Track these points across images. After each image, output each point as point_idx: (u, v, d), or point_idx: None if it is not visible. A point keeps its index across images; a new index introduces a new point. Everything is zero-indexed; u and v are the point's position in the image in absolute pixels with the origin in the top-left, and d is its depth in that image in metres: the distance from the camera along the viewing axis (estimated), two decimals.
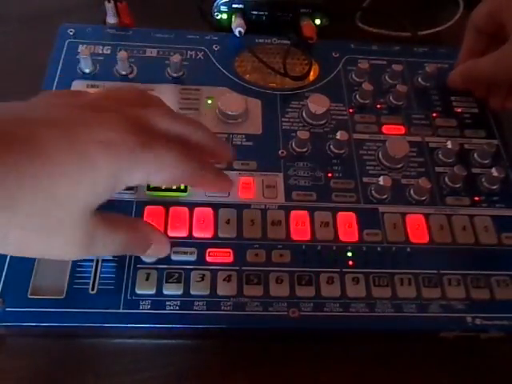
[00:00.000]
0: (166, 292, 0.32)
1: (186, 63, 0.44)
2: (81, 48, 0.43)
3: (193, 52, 0.45)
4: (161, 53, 0.44)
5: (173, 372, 0.32)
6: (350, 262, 0.34)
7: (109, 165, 0.25)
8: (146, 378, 0.32)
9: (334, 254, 0.35)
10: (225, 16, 0.48)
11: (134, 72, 0.42)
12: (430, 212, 0.37)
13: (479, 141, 0.42)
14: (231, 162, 0.38)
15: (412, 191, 0.38)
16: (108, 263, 0.33)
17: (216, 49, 0.45)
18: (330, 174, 0.38)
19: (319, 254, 0.35)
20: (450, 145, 0.39)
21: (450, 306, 0.33)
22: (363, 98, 0.43)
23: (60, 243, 0.25)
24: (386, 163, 0.39)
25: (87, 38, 0.44)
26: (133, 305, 0.31)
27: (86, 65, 0.41)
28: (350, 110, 0.43)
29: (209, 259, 0.34)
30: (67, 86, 0.40)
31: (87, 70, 0.42)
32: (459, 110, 0.44)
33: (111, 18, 0.45)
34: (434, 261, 0.35)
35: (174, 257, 0.33)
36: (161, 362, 0.32)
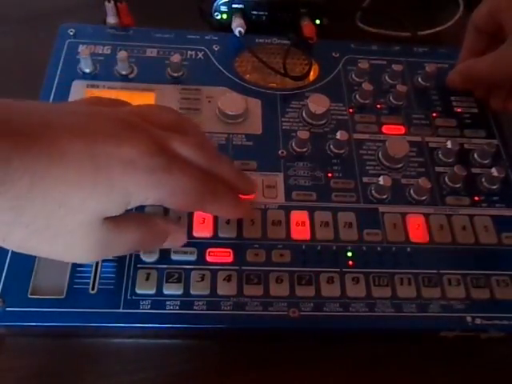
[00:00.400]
0: (166, 292, 0.32)
1: (186, 63, 0.44)
2: (81, 48, 0.43)
3: (193, 52, 0.45)
4: (161, 53, 0.44)
5: (173, 372, 0.32)
6: (350, 262, 0.34)
7: (124, 183, 0.25)
8: (145, 378, 0.32)
9: (334, 253, 0.35)
10: (225, 16, 0.48)
11: (134, 72, 0.42)
12: (430, 212, 0.37)
13: (479, 141, 0.42)
14: None
15: (412, 191, 0.38)
16: (108, 263, 0.33)
17: (216, 49, 0.45)
18: (330, 174, 0.38)
19: (319, 253, 0.35)
20: (449, 145, 0.39)
21: (449, 306, 0.33)
22: (363, 97, 0.43)
23: (67, 245, 0.26)
24: (386, 163, 0.39)
25: (87, 38, 0.44)
26: (133, 305, 0.31)
27: (86, 65, 0.41)
28: (350, 110, 0.43)
29: (209, 259, 0.34)
30: (67, 86, 0.40)
31: (87, 70, 0.42)
32: (459, 109, 0.44)
33: (111, 18, 0.45)
34: (434, 261, 0.35)
35: (174, 257, 0.33)
36: (161, 362, 0.32)
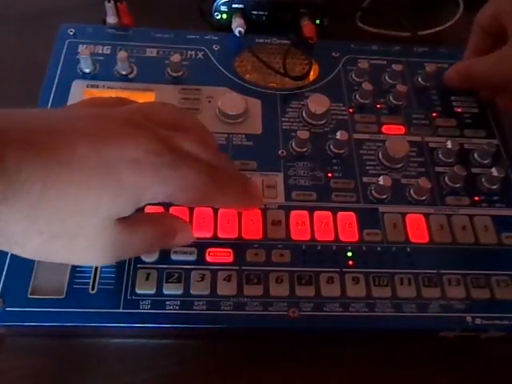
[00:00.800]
0: (166, 292, 0.32)
1: (186, 63, 0.43)
2: (81, 48, 0.43)
3: (193, 52, 0.45)
4: (161, 53, 0.44)
5: (173, 372, 0.32)
6: (350, 262, 0.34)
7: (133, 182, 0.26)
8: (146, 378, 0.32)
9: (334, 253, 0.35)
10: (225, 16, 0.48)
11: (134, 72, 0.42)
12: (430, 212, 0.37)
13: (479, 141, 0.42)
14: None
15: (412, 191, 0.38)
16: None
17: (216, 49, 0.45)
18: (330, 174, 0.38)
19: (319, 253, 0.35)
20: (449, 145, 0.39)
21: (449, 306, 0.33)
22: (363, 97, 0.43)
23: (83, 248, 0.26)
24: (386, 163, 0.39)
25: (87, 37, 0.44)
26: (133, 305, 0.31)
27: (86, 65, 0.41)
28: (350, 110, 0.43)
29: (209, 259, 0.34)
30: (67, 86, 0.40)
31: (87, 70, 0.42)
32: (459, 109, 0.44)
33: (111, 18, 0.45)
34: (434, 260, 0.35)
35: (174, 256, 0.33)
36: (161, 362, 0.32)
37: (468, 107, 0.44)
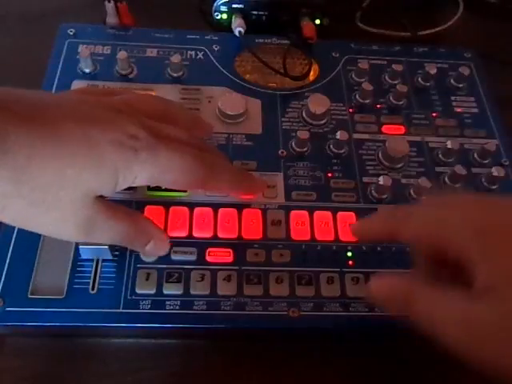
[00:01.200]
0: (166, 292, 0.32)
1: (186, 63, 0.44)
2: (81, 48, 0.43)
3: (193, 52, 0.45)
4: (161, 53, 0.44)
5: (173, 372, 0.32)
6: (350, 262, 0.34)
7: (113, 160, 0.26)
8: (146, 378, 0.32)
9: (334, 253, 0.35)
10: (225, 16, 0.48)
11: (134, 72, 0.42)
12: None
13: (479, 141, 0.42)
14: None
15: (412, 191, 0.38)
16: (108, 263, 0.33)
17: (216, 49, 0.45)
18: (330, 174, 0.38)
19: (319, 253, 0.35)
20: (449, 145, 0.39)
21: None
22: (363, 97, 0.43)
23: (58, 221, 0.26)
24: (386, 163, 0.39)
25: (87, 37, 0.44)
26: (133, 305, 0.31)
27: (86, 65, 0.41)
28: (350, 110, 0.43)
29: (209, 259, 0.34)
30: (67, 87, 0.40)
31: (87, 70, 0.42)
32: (459, 109, 0.44)
33: (111, 18, 0.45)
34: None
35: (174, 256, 0.33)
36: (161, 362, 0.32)
37: (468, 107, 0.44)
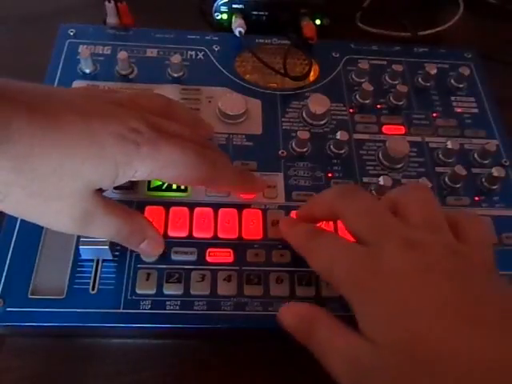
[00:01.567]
0: (166, 292, 0.32)
1: (186, 63, 0.44)
2: (81, 48, 0.43)
3: (193, 52, 0.45)
4: (161, 53, 0.44)
5: (173, 372, 0.32)
6: None
7: (114, 153, 0.27)
8: (146, 378, 0.32)
9: None
10: (225, 16, 0.48)
11: (135, 72, 0.42)
12: None
13: (479, 141, 0.42)
14: None
15: None
16: (108, 263, 0.33)
17: (216, 49, 0.45)
18: (330, 174, 0.38)
19: None
20: (450, 145, 0.39)
21: None
22: (363, 98, 0.43)
23: (55, 212, 0.26)
24: (386, 163, 0.39)
25: (87, 38, 0.44)
26: (133, 305, 0.31)
27: (86, 65, 0.41)
28: (350, 110, 0.43)
29: (209, 259, 0.34)
30: (67, 87, 0.40)
31: (87, 71, 0.42)
32: (459, 110, 0.44)
33: (111, 19, 0.45)
34: None
35: (174, 257, 0.33)
36: (161, 362, 0.32)
37: (468, 107, 0.44)
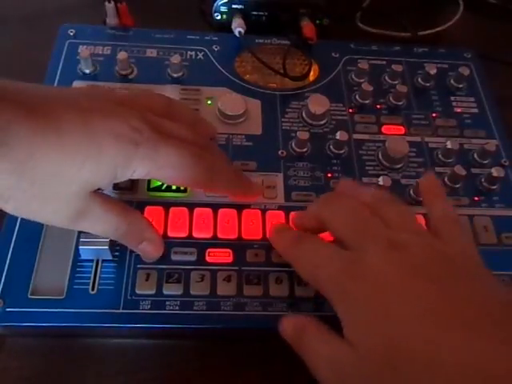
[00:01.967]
0: (165, 292, 0.32)
1: (186, 63, 0.44)
2: (81, 48, 0.43)
3: (193, 52, 0.45)
4: (161, 53, 0.44)
5: (173, 372, 0.32)
6: None
7: (112, 155, 0.27)
8: (146, 378, 0.32)
9: None
10: (225, 16, 0.48)
11: (134, 72, 0.42)
12: None
13: (479, 141, 0.42)
14: None
15: (412, 191, 0.38)
16: (108, 263, 0.33)
17: (216, 49, 0.45)
18: (329, 174, 0.38)
19: None
20: (449, 145, 0.39)
21: None
22: (363, 98, 0.43)
23: (52, 211, 0.27)
24: (386, 163, 0.39)
25: (87, 38, 0.44)
26: (133, 305, 0.31)
27: (86, 65, 0.41)
28: (350, 110, 0.43)
29: (209, 259, 0.34)
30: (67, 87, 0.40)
31: (87, 71, 0.42)
32: (459, 110, 0.44)
33: (111, 19, 0.45)
34: None
35: (174, 257, 0.33)
36: (161, 362, 0.32)
37: (468, 107, 0.44)
